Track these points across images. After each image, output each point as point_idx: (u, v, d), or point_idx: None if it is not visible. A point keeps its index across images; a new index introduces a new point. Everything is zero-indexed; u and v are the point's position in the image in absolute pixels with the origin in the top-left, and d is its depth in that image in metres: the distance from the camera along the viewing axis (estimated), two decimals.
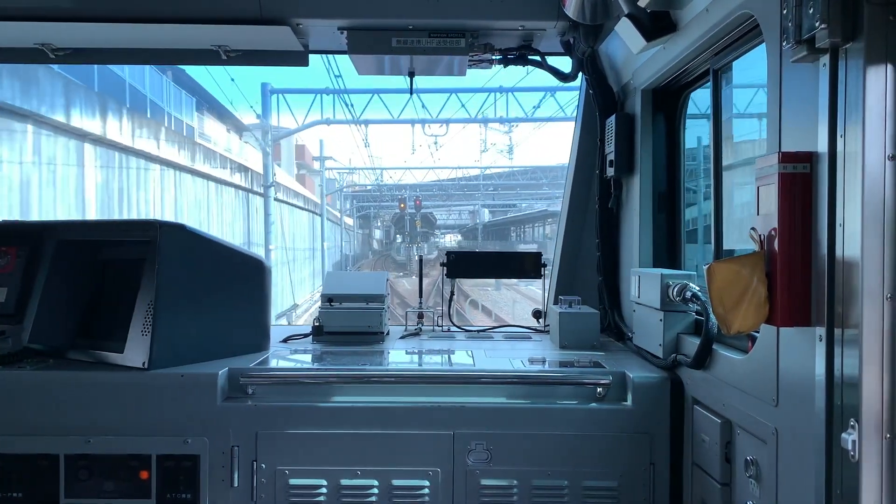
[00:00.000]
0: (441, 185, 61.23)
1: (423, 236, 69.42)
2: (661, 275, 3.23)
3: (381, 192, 63.12)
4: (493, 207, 67.12)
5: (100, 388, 3.25)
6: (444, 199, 64.78)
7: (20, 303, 3.71)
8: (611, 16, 3.54)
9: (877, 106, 1.85)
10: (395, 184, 60.56)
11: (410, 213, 57.31)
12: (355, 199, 64.70)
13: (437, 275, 5.01)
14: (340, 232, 55.76)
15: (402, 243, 68.93)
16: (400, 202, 53.99)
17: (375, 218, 75.73)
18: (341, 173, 57.04)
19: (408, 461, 3.25)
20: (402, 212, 56.68)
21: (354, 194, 64.27)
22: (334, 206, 56.84)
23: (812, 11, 1.93)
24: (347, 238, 61.19)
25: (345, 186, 56.22)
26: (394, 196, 59.63)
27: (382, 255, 74.47)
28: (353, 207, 63.63)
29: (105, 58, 4.27)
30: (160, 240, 3.35)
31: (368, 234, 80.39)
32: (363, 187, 65.38)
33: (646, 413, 3.22)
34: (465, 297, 34.54)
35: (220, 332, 3.57)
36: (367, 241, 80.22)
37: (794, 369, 2.21)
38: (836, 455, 1.98)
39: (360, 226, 72.68)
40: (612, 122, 3.96)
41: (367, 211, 69.66)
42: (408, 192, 57.83)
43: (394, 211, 65.48)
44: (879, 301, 1.86)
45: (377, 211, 71.24)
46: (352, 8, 3.80)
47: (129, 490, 3.24)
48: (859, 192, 1.86)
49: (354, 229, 67.19)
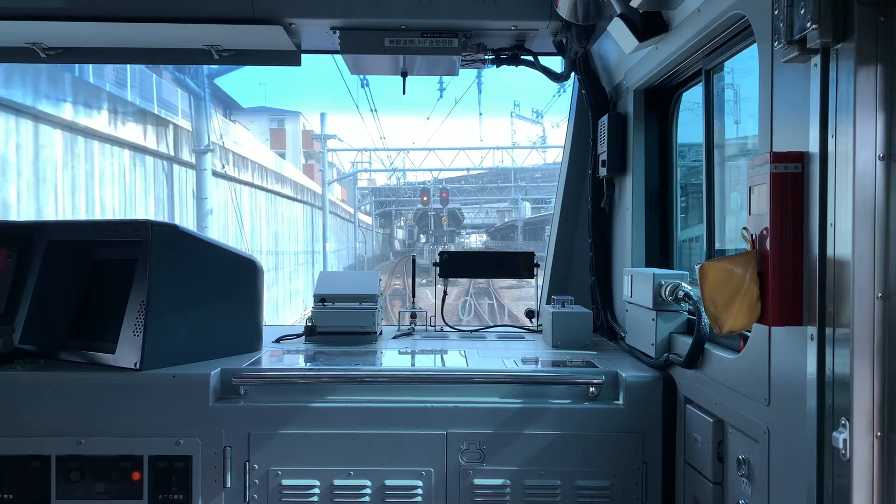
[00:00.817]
0: (469, 179, 53.98)
1: (450, 236, 61.18)
2: (654, 274, 3.24)
3: (400, 183, 56.67)
4: (535, 203, 53.87)
5: (91, 388, 3.24)
6: (474, 193, 56.64)
7: (11, 303, 3.69)
8: (603, 16, 3.55)
9: (867, 106, 1.86)
10: (415, 168, 50.13)
11: (436, 208, 50.00)
12: (374, 195, 59.14)
13: (468, 283, 4.96)
14: (354, 229, 50.94)
15: (427, 244, 61.51)
16: (423, 195, 46.37)
17: (397, 216, 69.51)
18: (355, 163, 49.96)
19: (401, 461, 3.24)
20: (425, 206, 49.06)
21: (373, 189, 58.55)
22: (347, 201, 50.73)
23: (803, 12, 1.94)
24: (363, 238, 55.77)
25: (359, 169, 48.16)
26: (416, 190, 52.16)
27: (405, 256, 60.40)
28: (371, 205, 58.38)
29: (96, 57, 4.26)
30: (152, 240, 3.34)
31: (390, 234, 74.92)
32: (379, 185, 58.95)
33: (638, 412, 3.23)
34: (486, 297, 32.63)
35: (212, 333, 3.56)
36: (389, 242, 74.49)
37: (786, 368, 2.22)
38: (827, 454, 1.99)
39: (380, 224, 66.54)
40: (605, 122, 3.96)
41: (388, 208, 61.62)
42: (432, 185, 48.94)
43: (416, 206, 57.75)
44: (870, 300, 1.87)
45: (398, 209, 63.37)
46: (344, 8, 3.79)
47: (121, 491, 3.22)
48: (850, 191, 1.87)
49: (374, 228, 61.64)
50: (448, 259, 4.62)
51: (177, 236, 3.51)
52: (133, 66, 16.78)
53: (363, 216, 57.06)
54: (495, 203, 60.64)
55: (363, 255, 54.42)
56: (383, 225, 71.54)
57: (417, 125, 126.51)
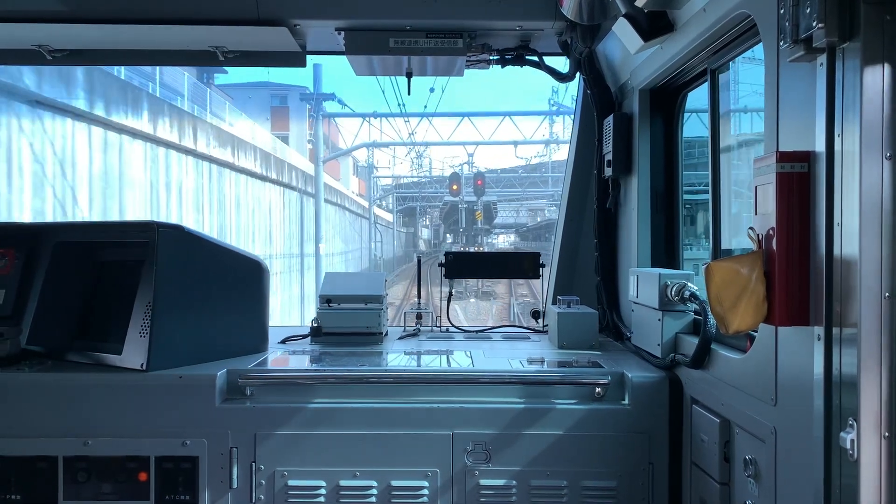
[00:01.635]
0: (506, 170, 46.41)
1: (482, 234, 49.33)
2: (660, 274, 3.23)
3: (423, 170, 48.88)
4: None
5: (98, 389, 3.25)
6: (511, 186, 50.13)
7: (18, 304, 3.70)
8: (608, 16, 3.54)
9: (874, 105, 1.85)
10: (444, 142, 39.17)
11: (469, 201, 40.42)
12: (396, 189, 52.80)
13: (505, 292, 4.81)
14: (370, 227, 43.16)
15: (454, 243, 52.61)
16: (452, 183, 36.75)
17: (423, 214, 62.41)
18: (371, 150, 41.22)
19: (406, 462, 3.25)
20: (454, 196, 38.48)
21: (395, 186, 52.08)
22: (366, 196, 42.99)
23: (809, 11, 1.93)
24: (380, 237, 48.50)
25: (363, 143, 36.14)
26: (441, 182, 44.16)
27: (431, 257, 48.24)
28: (393, 199, 52.71)
29: (102, 59, 4.27)
30: (158, 241, 3.34)
31: (414, 234, 68.46)
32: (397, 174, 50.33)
33: (644, 413, 3.23)
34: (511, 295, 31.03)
35: (218, 334, 3.57)
36: (413, 242, 67.66)
37: (793, 368, 2.21)
38: (834, 454, 1.98)
39: (403, 223, 59.76)
40: (610, 122, 3.96)
41: (412, 204, 54.29)
42: (462, 170, 39.45)
43: (444, 199, 47.30)
44: (877, 300, 1.86)
45: (424, 205, 56.28)
46: (349, 9, 3.80)
47: (128, 492, 3.23)
48: (857, 191, 1.87)
49: (395, 226, 55.88)
50: (454, 260, 4.64)
51: (183, 237, 3.52)
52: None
53: (382, 212, 49.94)
54: (532, 200, 54.60)
55: (378, 257, 47.91)
56: (407, 223, 65.78)
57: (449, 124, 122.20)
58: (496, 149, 64.00)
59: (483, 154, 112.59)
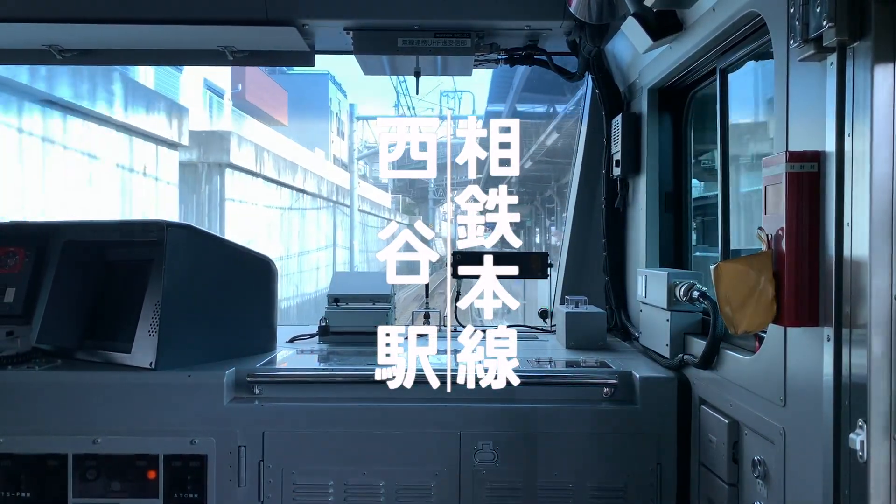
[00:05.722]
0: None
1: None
2: (668, 274, 3.22)
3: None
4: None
5: (107, 388, 3.26)
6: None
7: (28, 303, 3.72)
8: (617, 15, 3.53)
9: (885, 104, 1.84)
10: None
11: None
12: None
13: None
14: (350, 220, 31.19)
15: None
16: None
17: (439, 200, 41.73)
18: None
19: (414, 461, 3.25)
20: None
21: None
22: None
23: (819, 10, 1.92)
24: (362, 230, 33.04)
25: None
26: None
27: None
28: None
29: (112, 59, 4.30)
30: (167, 240, 3.36)
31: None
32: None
33: (652, 413, 3.22)
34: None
35: (226, 333, 3.58)
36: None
37: (802, 369, 2.20)
38: (844, 455, 1.97)
39: (404, 209, 43.13)
40: (619, 122, 3.95)
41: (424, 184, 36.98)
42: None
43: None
44: (887, 300, 1.85)
45: (440, 184, 35.79)
46: (357, 9, 3.80)
47: (137, 490, 3.25)
48: (867, 191, 1.86)
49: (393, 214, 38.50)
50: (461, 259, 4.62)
51: (192, 236, 3.54)
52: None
53: (372, 190, 34.53)
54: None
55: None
56: (408, 209, 47.19)
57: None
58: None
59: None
